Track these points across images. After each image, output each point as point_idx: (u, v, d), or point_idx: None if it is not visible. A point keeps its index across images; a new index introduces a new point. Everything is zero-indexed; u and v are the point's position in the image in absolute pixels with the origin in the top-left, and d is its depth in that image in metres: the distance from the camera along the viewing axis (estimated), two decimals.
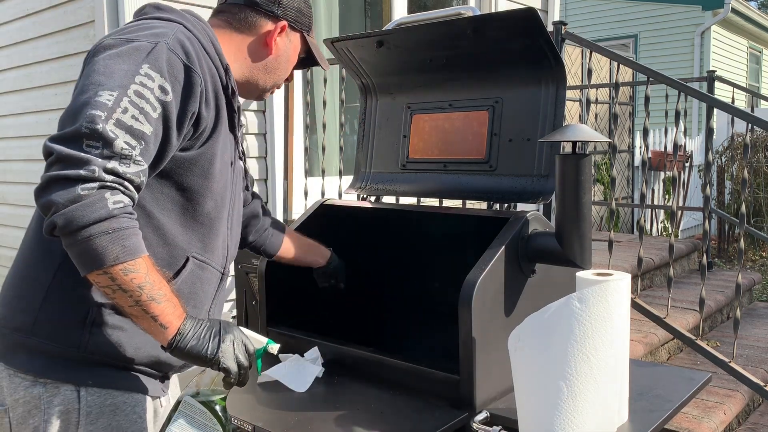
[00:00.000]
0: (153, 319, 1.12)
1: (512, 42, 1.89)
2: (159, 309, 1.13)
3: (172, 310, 1.15)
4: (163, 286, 1.14)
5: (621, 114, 7.20)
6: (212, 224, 1.34)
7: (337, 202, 2.29)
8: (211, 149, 1.28)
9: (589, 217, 1.63)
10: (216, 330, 1.19)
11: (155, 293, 1.12)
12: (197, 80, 1.21)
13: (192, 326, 1.16)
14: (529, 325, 1.37)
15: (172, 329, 1.14)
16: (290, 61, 1.48)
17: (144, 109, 1.13)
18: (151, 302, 1.12)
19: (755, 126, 3.02)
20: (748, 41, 12.84)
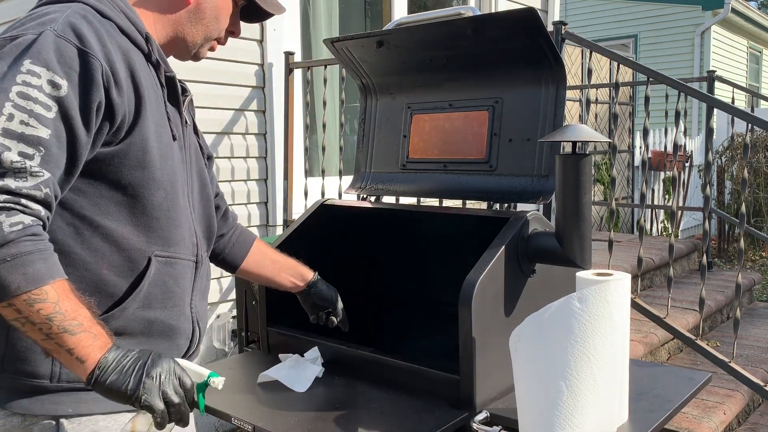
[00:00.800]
0: (68, 353, 1.01)
1: (512, 42, 1.89)
2: (73, 341, 1.01)
3: (91, 341, 1.03)
4: (78, 314, 1.02)
5: (621, 114, 7.20)
6: (168, 215, 1.21)
7: (337, 202, 2.29)
8: (139, 137, 1.14)
9: (589, 217, 1.63)
10: (142, 362, 1.04)
11: (68, 324, 1.00)
12: (96, 65, 1.06)
13: (116, 358, 1.03)
14: (529, 325, 1.37)
15: (91, 362, 1.02)
16: (221, 10, 1.30)
17: (33, 111, 1.01)
18: (63, 334, 1.00)
19: (755, 126, 3.02)
20: (748, 41, 12.85)
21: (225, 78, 3.48)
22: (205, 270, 1.38)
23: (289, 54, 3.68)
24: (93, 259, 1.13)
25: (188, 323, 1.31)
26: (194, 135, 1.40)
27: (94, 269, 1.14)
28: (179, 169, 1.26)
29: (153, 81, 1.21)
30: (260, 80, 3.63)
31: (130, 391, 1.02)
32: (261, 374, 1.84)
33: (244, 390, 1.81)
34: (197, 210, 1.35)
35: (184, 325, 1.29)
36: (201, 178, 1.38)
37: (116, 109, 1.10)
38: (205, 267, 1.39)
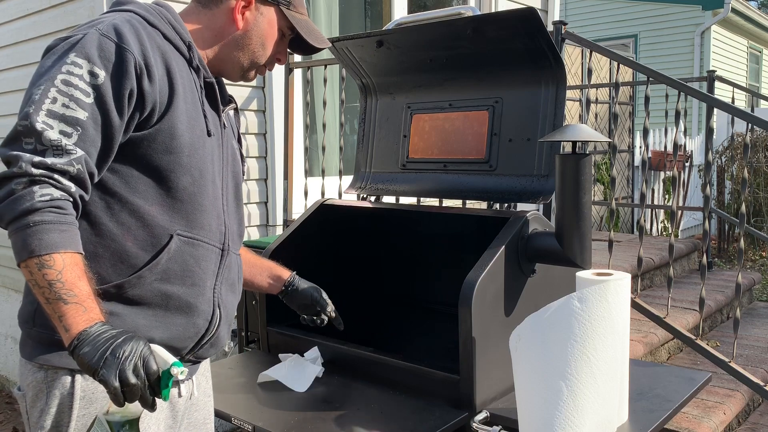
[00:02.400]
0: (59, 319, 1.10)
1: (512, 42, 1.89)
2: (64, 309, 1.10)
3: (80, 313, 1.10)
4: (76, 286, 1.11)
5: (621, 114, 7.20)
6: (194, 199, 1.32)
7: (337, 202, 2.29)
8: (168, 124, 1.27)
9: (589, 217, 1.63)
10: (113, 341, 1.08)
11: (64, 292, 1.10)
12: (129, 57, 1.20)
13: (94, 333, 1.09)
14: (529, 325, 1.37)
15: (73, 332, 1.09)
16: (267, 37, 1.43)
17: (74, 96, 1.16)
18: (58, 301, 1.10)
19: (755, 126, 3.02)
20: (748, 41, 12.84)
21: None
22: (233, 262, 1.45)
23: (289, 54, 3.68)
24: (120, 232, 1.25)
25: (208, 305, 1.36)
26: (236, 143, 1.53)
27: (120, 241, 1.25)
28: (214, 162, 1.38)
29: (191, 82, 1.34)
30: (260, 80, 3.63)
31: (92, 365, 1.07)
32: (261, 374, 1.84)
33: (244, 390, 1.81)
34: (231, 205, 1.45)
35: (203, 306, 1.35)
36: (236, 179, 1.50)
37: (146, 97, 1.23)
38: (234, 259, 1.46)
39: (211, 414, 1.54)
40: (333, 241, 2.16)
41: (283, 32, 1.46)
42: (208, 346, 1.40)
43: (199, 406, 1.49)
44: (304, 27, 1.48)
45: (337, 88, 4.03)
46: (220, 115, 1.44)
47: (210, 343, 1.40)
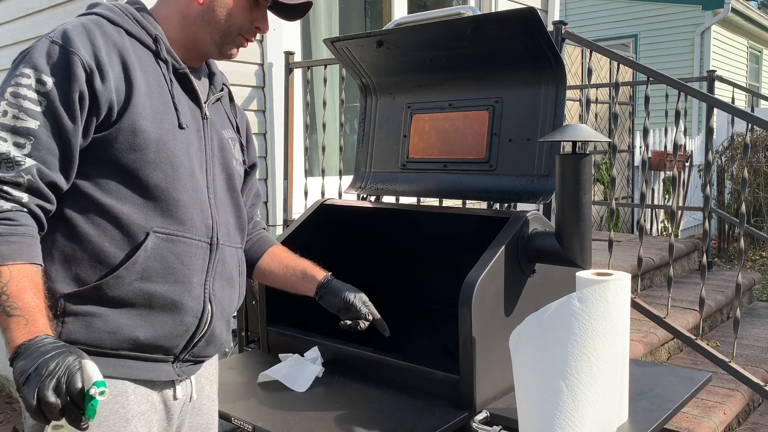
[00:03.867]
0: (4, 332, 1.10)
1: (512, 42, 1.89)
2: (7, 322, 1.09)
3: (21, 326, 1.08)
4: (21, 299, 1.10)
5: (621, 114, 7.20)
6: (168, 195, 1.29)
7: (337, 202, 2.29)
8: (129, 122, 1.25)
9: (589, 217, 1.63)
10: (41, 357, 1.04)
11: (8, 305, 1.09)
12: (76, 60, 1.20)
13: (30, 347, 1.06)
14: (529, 325, 1.37)
15: (13, 346, 1.08)
16: (232, 5, 1.36)
17: (23, 106, 1.17)
18: (1, 314, 1.09)
19: (755, 126, 3.02)
20: (748, 41, 12.84)
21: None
22: (227, 256, 1.41)
23: (289, 54, 3.68)
24: (96, 233, 1.24)
25: (197, 302, 1.33)
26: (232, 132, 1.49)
27: (96, 242, 1.24)
28: (191, 154, 1.35)
29: (159, 75, 1.32)
30: (260, 80, 3.63)
31: (19, 382, 1.04)
32: (261, 374, 1.84)
33: (244, 390, 1.81)
34: (220, 198, 1.42)
35: (191, 303, 1.32)
36: (227, 170, 1.45)
37: (100, 98, 1.22)
38: (230, 253, 1.43)
39: (214, 419, 1.52)
40: (333, 241, 2.16)
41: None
42: (204, 344, 1.37)
43: (202, 410, 1.46)
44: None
45: (337, 88, 4.03)
46: (200, 105, 1.39)
47: (205, 340, 1.36)
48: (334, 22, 4.35)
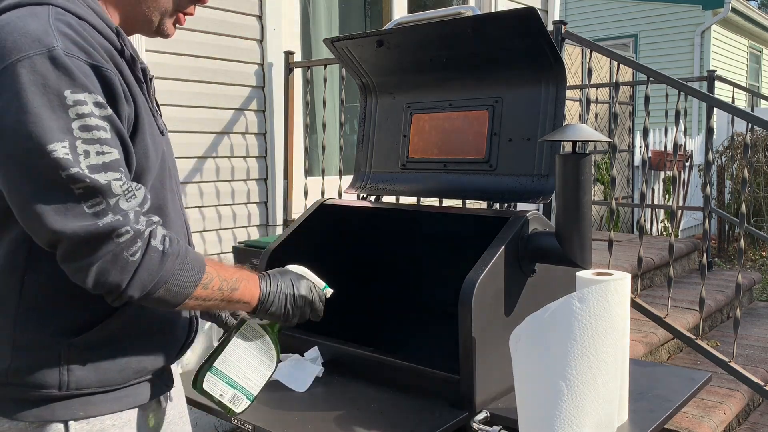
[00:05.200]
0: (237, 303, 1.22)
1: (512, 42, 1.89)
2: (239, 293, 1.21)
3: (249, 285, 1.24)
4: (229, 272, 1.21)
5: (621, 113, 7.20)
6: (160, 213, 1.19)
7: (337, 201, 2.29)
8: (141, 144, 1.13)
9: (589, 217, 1.63)
10: (288, 293, 1.29)
11: (231, 284, 1.20)
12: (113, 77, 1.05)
13: (269, 291, 1.27)
14: (529, 325, 1.37)
15: (255, 301, 1.25)
16: None
17: (101, 138, 1.01)
18: (233, 292, 1.20)
19: (755, 125, 3.02)
20: (748, 41, 12.84)
21: (225, 77, 3.48)
22: None
23: (289, 54, 3.68)
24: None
25: (186, 313, 1.30)
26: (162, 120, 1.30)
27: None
28: (168, 162, 1.25)
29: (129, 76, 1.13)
30: (260, 80, 3.63)
31: (282, 317, 1.30)
32: None
33: None
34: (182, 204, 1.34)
35: (182, 314, 1.29)
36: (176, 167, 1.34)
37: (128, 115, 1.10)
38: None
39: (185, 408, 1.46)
40: (333, 241, 2.15)
41: None
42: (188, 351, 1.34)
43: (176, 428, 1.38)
44: None
45: (337, 87, 4.03)
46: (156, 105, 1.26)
47: (190, 347, 1.34)
48: (334, 22, 4.35)
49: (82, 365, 1.12)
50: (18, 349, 1.09)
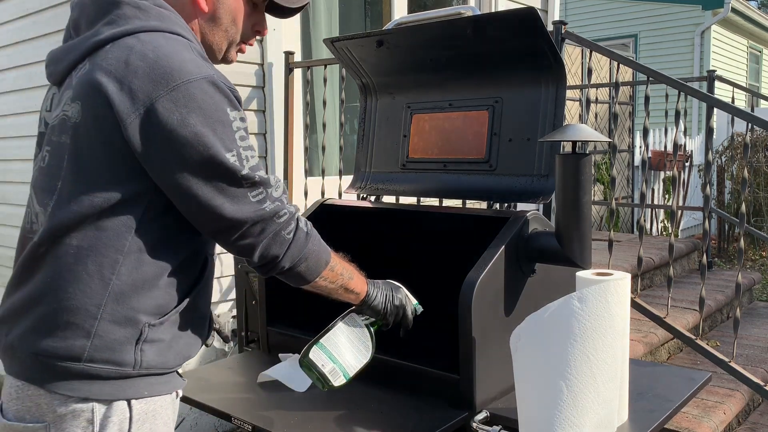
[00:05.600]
0: (350, 292, 1.46)
1: (512, 42, 1.89)
2: (353, 283, 1.46)
3: (360, 279, 1.48)
4: (345, 265, 1.44)
5: (621, 114, 7.20)
6: None
7: (337, 201, 2.29)
8: None
9: (589, 217, 1.63)
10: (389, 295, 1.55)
11: (348, 273, 1.44)
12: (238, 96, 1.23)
13: (375, 290, 1.53)
14: (529, 325, 1.37)
15: (363, 293, 1.50)
16: (236, 11, 1.33)
17: (251, 146, 1.23)
18: (349, 281, 1.44)
19: (755, 126, 3.02)
20: (748, 41, 12.84)
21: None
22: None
23: (289, 54, 3.68)
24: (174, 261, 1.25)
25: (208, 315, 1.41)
26: None
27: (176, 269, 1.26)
28: None
29: None
30: (260, 80, 3.63)
31: (381, 312, 1.54)
32: (261, 374, 1.84)
33: (244, 390, 1.81)
34: None
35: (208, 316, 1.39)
36: None
37: None
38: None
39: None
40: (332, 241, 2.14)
41: (253, 2, 1.36)
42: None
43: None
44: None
45: (337, 87, 4.03)
46: None
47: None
48: (334, 22, 4.35)
49: (152, 347, 1.22)
50: (104, 327, 1.18)
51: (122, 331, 1.18)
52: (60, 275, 1.17)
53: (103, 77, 1.13)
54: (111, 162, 1.15)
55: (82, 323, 1.17)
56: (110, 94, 1.12)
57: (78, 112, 1.16)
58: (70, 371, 1.17)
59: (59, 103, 1.22)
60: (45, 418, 1.18)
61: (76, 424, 1.18)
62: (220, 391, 1.80)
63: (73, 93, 1.17)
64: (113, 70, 1.13)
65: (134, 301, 1.18)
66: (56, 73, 1.25)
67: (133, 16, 1.20)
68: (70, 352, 1.17)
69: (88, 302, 1.17)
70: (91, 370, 1.18)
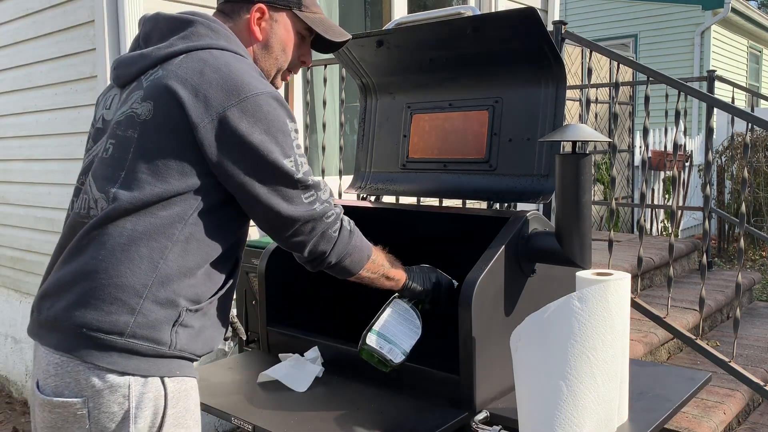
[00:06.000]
0: (389, 280, 1.60)
1: (512, 42, 1.89)
2: (393, 272, 1.61)
3: (398, 268, 1.63)
4: (384, 256, 1.59)
5: (621, 114, 7.20)
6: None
7: (337, 201, 2.29)
8: None
9: (589, 217, 1.63)
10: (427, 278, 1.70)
11: (387, 264, 1.59)
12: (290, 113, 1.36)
13: (413, 276, 1.67)
14: (529, 325, 1.37)
15: (403, 281, 1.64)
16: (286, 42, 1.48)
17: (303, 153, 1.36)
18: (390, 270, 1.59)
19: (755, 126, 3.02)
20: (748, 41, 12.84)
21: None
22: None
23: None
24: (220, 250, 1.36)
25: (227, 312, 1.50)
26: None
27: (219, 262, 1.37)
28: None
29: None
30: None
31: (422, 293, 1.69)
32: (261, 374, 1.85)
33: (244, 390, 1.81)
34: None
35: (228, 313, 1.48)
36: None
37: None
38: None
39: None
40: None
41: (301, 34, 1.50)
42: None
43: None
44: (320, 25, 1.51)
45: (337, 87, 4.03)
46: None
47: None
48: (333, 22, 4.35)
49: (185, 331, 1.31)
50: (150, 304, 1.26)
51: (163, 311, 1.27)
52: (112, 254, 1.25)
53: (178, 83, 1.25)
54: (177, 158, 1.26)
55: (128, 300, 1.25)
56: (184, 99, 1.24)
57: (149, 111, 1.27)
58: (112, 344, 1.24)
59: (125, 102, 1.33)
60: (83, 393, 1.24)
61: (113, 399, 1.24)
62: (220, 391, 1.80)
63: (145, 94, 1.29)
64: (188, 78, 1.26)
65: (176, 286, 1.28)
66: (124, 76, 1.36)
67: (205, 34, 1.34)
68: (115, 326, 1.24)
69: (136, 281, 1.25)
70: (131, 345, 1.25)
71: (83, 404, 1.24)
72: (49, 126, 3.53)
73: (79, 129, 3.31)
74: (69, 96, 3.35)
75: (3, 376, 4.01)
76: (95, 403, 1.24)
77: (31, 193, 3.74)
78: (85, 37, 3.17)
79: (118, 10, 3.00)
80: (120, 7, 2.99)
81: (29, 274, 3.73)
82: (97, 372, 1.24)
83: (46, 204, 3.61)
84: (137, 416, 1.25)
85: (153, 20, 1.39)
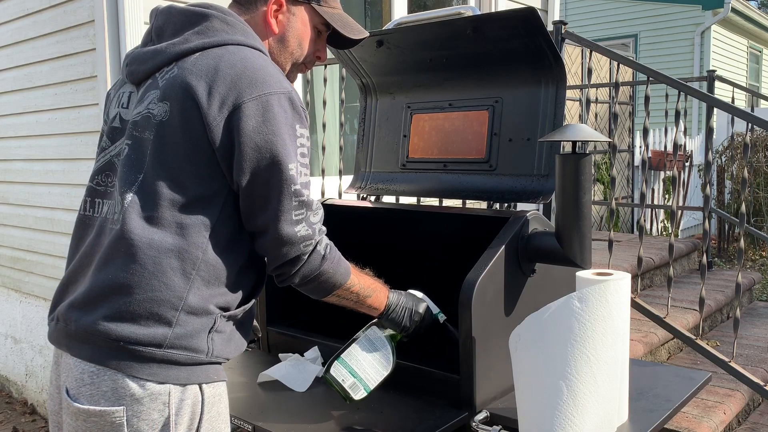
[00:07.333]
0: (368, 307, 1.54)
1: (512, 42, 1.89)
2: (371, 300, 1.53)
3: (379, 295, 1.55)
4: (367, 282, 1.51)
5: (621, 113, 7.20)
6: None
7: (337, 201, 2.29)
8: None
9: (589, 217, 1.63)
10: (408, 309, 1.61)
11: (367, 292, 1.51)
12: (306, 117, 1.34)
13: (393, 303, 1.59)
14: (529, 325, 1.37)
15: (382, 308, 1.57)
16: (303, 36, 1.45)
17: (307, 164, 1.33)
18: (366, 298, 1.51)
19: (755, 126, 3.02)
20: (748, 41, 12.84)
21: None
22: None
23: None
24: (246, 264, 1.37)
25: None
26: None
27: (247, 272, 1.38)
28: None
29: None
30: None
31: (401, 325, 1.61)
32: (261, 374, 1.85)
33: (244, 390, 1.81)
34: None
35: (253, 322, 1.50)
36: None
37: None
38: None
39: None
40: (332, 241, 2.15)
41: (318, 29, 1.48)
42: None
43: None
44: (338, 21, 1.48)
45: (337, 87, 4.03)
46: None
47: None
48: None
49: (219, 337, 1.31)
50: (186, 315, 1.26)
51: (199, 320, 1.27)
52: (144, 267, 1.23)
53: (194, 82, 1.23)
54: (193, 160, 1.24)
55: (165, 314, 1.24)
56: (199, 98, 1.22)
57: (166, 111, 1.24)
58: (151, 356, 1.23)
59: (141, 101, 1.29)
60: (122, 401, 1.22)
61: (153, 407, 1.23)
62: None
63: (161, 93, 1.26)
64: (204, 76, 1.23)
65: (209, 294, 1.28)
66: (138, 73, 1.32)
67: (221, 29, 1.30)
68: (153, 339, 1.24)
69: (171, 295, 1.24)
70: (170, 355, 1.25)
71: (122, 412, 1.22)
72: (49, 126, 3.53)
73: (79, 129, 3.31)
74: (69, 96, 3.35)
75: (3, 376, 4.01)
76: (134, 411, 1.22)
77: (31, 193, 3.74)
78: (85, 37, 3.17)
79: (118, 10, 3.00)
80: (120, 6, 2.99)
81: (29, 274, 3.73)
82: (137, 380, 1.23)
83: (46, 204, 3.61)
84: (177, 423, 1.25)
85: (166, 13, 1.35)
